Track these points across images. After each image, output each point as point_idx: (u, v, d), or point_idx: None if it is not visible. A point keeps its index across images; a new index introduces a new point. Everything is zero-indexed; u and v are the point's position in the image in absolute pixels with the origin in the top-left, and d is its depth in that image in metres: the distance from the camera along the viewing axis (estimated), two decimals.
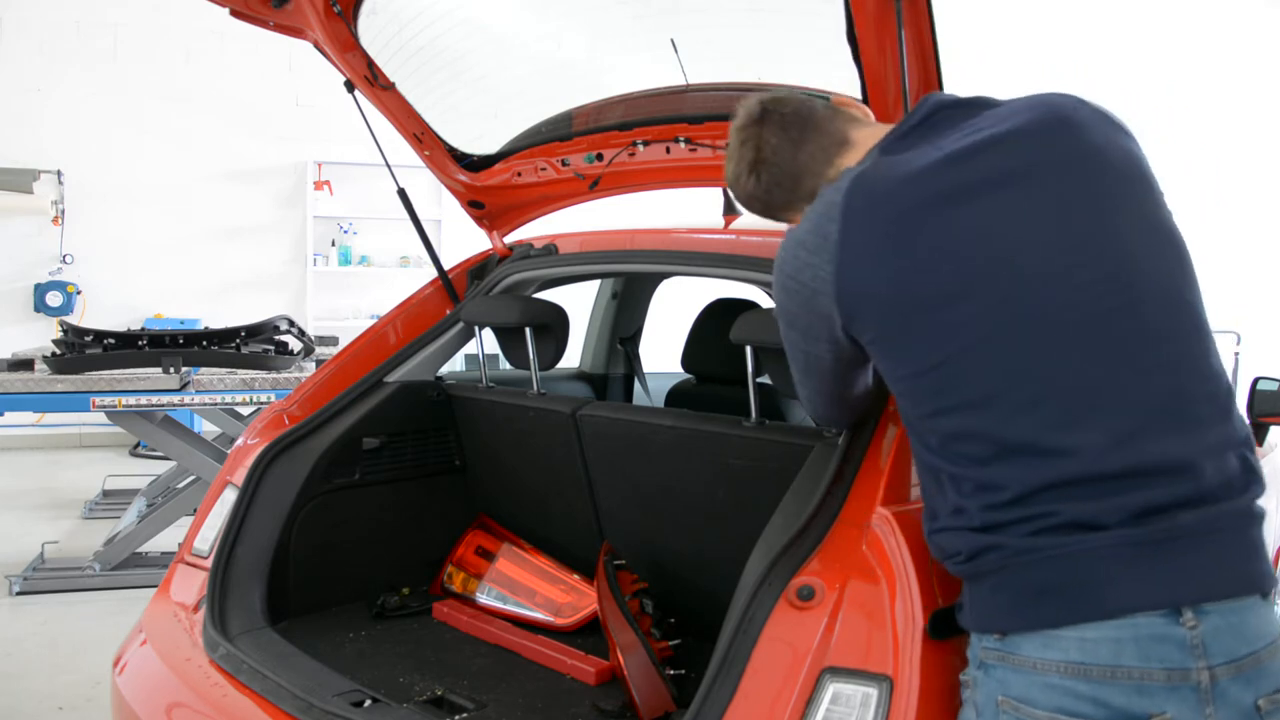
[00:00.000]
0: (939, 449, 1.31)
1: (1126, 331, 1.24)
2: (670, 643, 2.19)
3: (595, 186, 2.61)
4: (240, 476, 2.39)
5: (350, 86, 2.59)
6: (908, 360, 1.32)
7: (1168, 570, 1.19)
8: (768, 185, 1.53)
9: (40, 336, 7.33)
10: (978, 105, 1.39)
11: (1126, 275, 1.25)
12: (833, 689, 1.42)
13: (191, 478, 4.94)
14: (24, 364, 4.70)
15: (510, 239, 2.94)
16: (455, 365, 3.16)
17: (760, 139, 1.53)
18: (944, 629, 1.41)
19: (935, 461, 1.32)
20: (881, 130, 1.47)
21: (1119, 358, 1.23)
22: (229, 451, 2.64)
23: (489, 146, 2.76)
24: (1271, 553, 1.31)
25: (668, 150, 2.40)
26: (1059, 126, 1.31)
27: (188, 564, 2.39)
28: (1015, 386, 1.24)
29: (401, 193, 2.79)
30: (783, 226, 2.21)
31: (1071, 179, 1.28)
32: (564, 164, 2.60)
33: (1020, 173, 1.28)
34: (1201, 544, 1.20)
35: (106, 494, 6.12)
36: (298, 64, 7.95)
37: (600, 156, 2.53)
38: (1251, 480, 1.26)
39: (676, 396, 3.02)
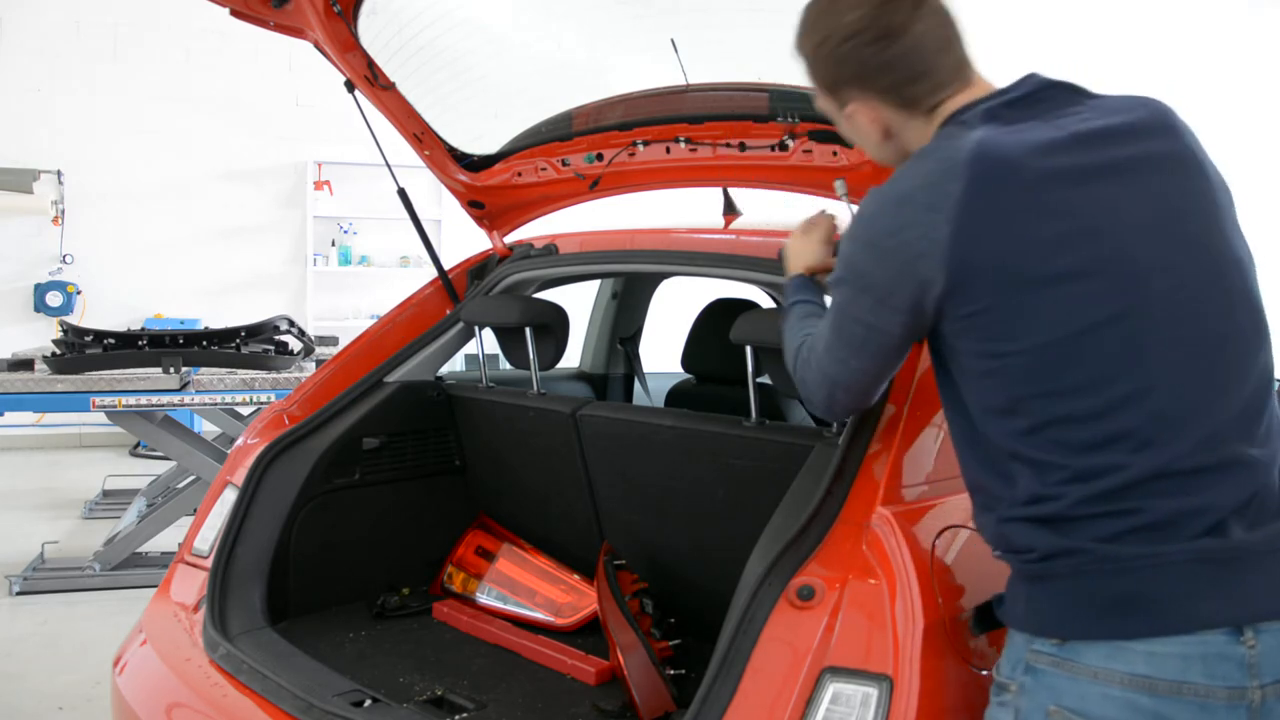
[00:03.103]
0: (1027, 433, 1.25)
1: (1220, 337, 1.24)
2: (670, 643, 2.19)
3: (595, 186, 2.61)
4: (240, 476, 2.39)
5: (350, 86, 2.59)
6: (1015, 337, 1.24)
7: (1234, 588, 1.19)
8: (880, 65, 1.35)
9: (40, 336, 7.32)
10: (1078, 91, 1.35)
11: (1225, 281, 1.26)
12: (833, 689, 1.42)
13: (191, 478, 4.94)
14: (24, 364, 4.70)
15: (510, 239, 2.94)
16: (455, 365, 3.16)
17: (911, 12, 1.34)
18: (988, 623, 1.40)
19: (1015, 447, 1.26)
20: (981, 89, 1.37)
21: (1214, 361, 1.23)
22: (229, 451, 2.64)
23: (489, 146, 2.76)
24: None
25: (668, 150, 2.40)
26: (1168, 129, 1.31)
27: (188, 564, 2.39)
28: (1128, 374, 1.21)
29: (401, 193, 2.79)
30: (783, 226, 2.21)
31: (1180, 180, 1.28)
32: (564, 164, 2.60)
33: (1138, 166, 1.27)
34: (1263, 562, 1.20)
35: (106, 494, 6.12)
36: (298, 64, 7.95)
37: (600, 156, 2.53)
38: None
39: (676, 396, 3.02)
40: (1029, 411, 1.24)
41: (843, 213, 1.81)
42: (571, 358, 3.43)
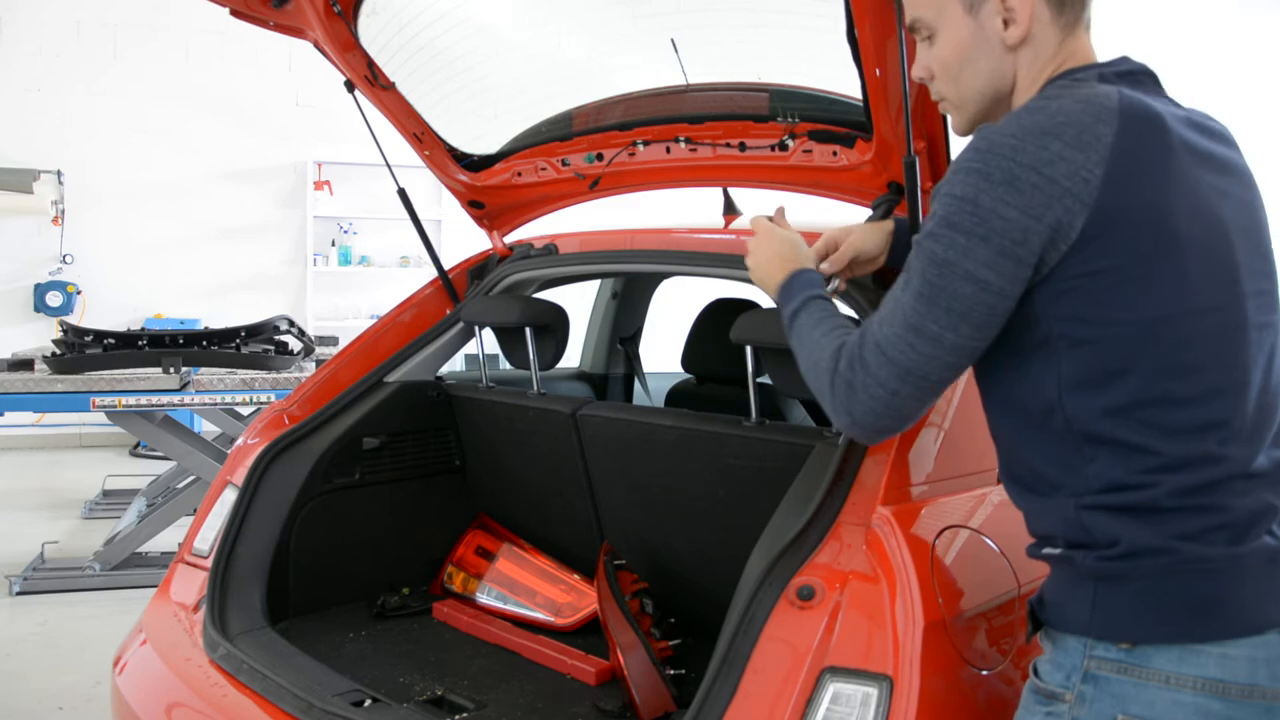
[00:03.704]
0: (1119, 412, 1.17)
1: (1273, 349, 1.25)
2: (670, 643, 2.19)
3: (595, 186, 2.61)
4: (240, 476, 2.39)
5: (350, 86, 2.59)
6: (1133, 304, 1.15)
7: None
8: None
9: (40, 336, 7.33)
10: (1159, 83, 1.30)
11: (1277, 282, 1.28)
12: (833, 689, 1.42)
13: (191, 478, 4.94)
14: (24, 364, 4.70)
15: (510, 239, 2.94)
16: (455, 365, 3.16)
17: None
18: (1035, 624, 1.33)
19: (1100, 427, 1.18)
20: (1083, 56, 1.30)
21: (1274, 363, 1.24)
22: (229, 451, 2.64)
23: (489, 146, 2.76)
24: None
25: (668, 150, 2.40)
26: (1238, 148, 1.31)
27: (188, 564, 2.39)
28: (1229, 364, 1.19)
29: (401, 193, 2.79)
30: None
31: (1254, 199, 1.29)
32: (564, 164, 2.60)
33: (1235, 171, 1.27)
34: None
35: (106, 494, 6.12)
36: (298, 64, 7.95)
37: (600, 156, 2.53)
38: None
39: (676, 396, 3.02)
40: (1128, 387, 1.16)
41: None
42: (571, 358, 3.43)
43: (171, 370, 4.56)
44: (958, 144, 1.79)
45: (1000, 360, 1.26)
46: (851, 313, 1.99)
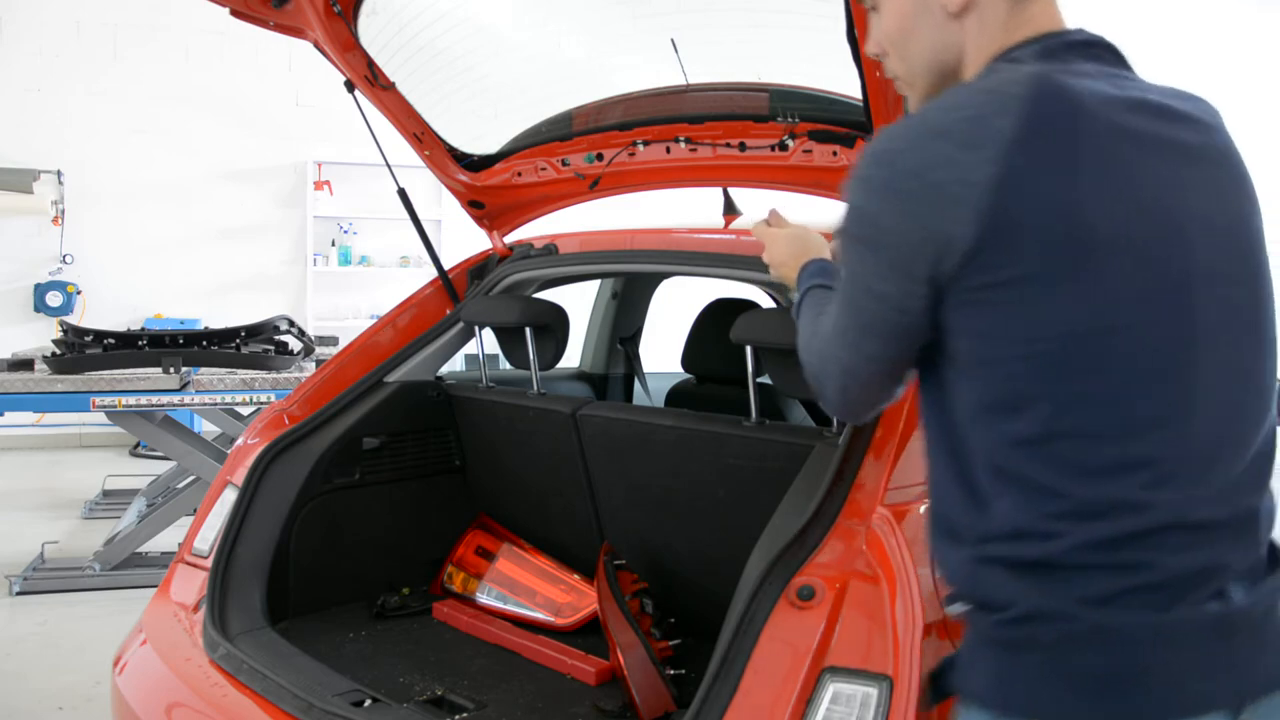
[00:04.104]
0: (1028, 443, 1.02)
1: (1248, 371, 1.08)
2: (670, 643, 2.19)
3: (595, 186, 2.62)
4: (240, 476, 2.39)
5: (350, 86, 2.59)
6: (1043, 319, 1.00)
7: (1234, 661, 1.01)
8: None
9: (40, 336, 7.32)
10: (1124, 61, 1.14)
11: (1265, 309, 1.10)
12: (833, 689, 1.42)
13: (191, 478, 4.94)
14: (24, 364, 4.70)
15: (510, 239, 2.94)
16: (455, 365, 3.16)
17: None
18: (941, 692, 1.27)
19: (1006, 460, 1.03)
20: (1039, 25, 1.13)
21: (1246, 396, 1.07)
22: (229, 451, 2.64)
23: (489, 146, 2.76)
24: None
25: (668, 150, 2.40)
26: (1224, 133, 1.15)
27: (188, 564, 2.39)
28: (1166, 389, 1.01)
29: (401, 193, 2.79)
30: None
31: (1238, 189, 1.12)
32: (564, 164, 2.60)
33: (1207, 156, 1.10)
34: (1259, 629, 1.04)
35: (106, 494, 6.12)
36: (298, 64, 7.95)
37: (600, 156, 2.53)
38: None
39: (676, 396, 3.02)
40: (1038, 415, 1.01)
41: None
42: (571, 358, 3.43)
43: (171, 370, 4.56)
44: None
45: (921, 380, 1.16)
46: None
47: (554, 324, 2.60)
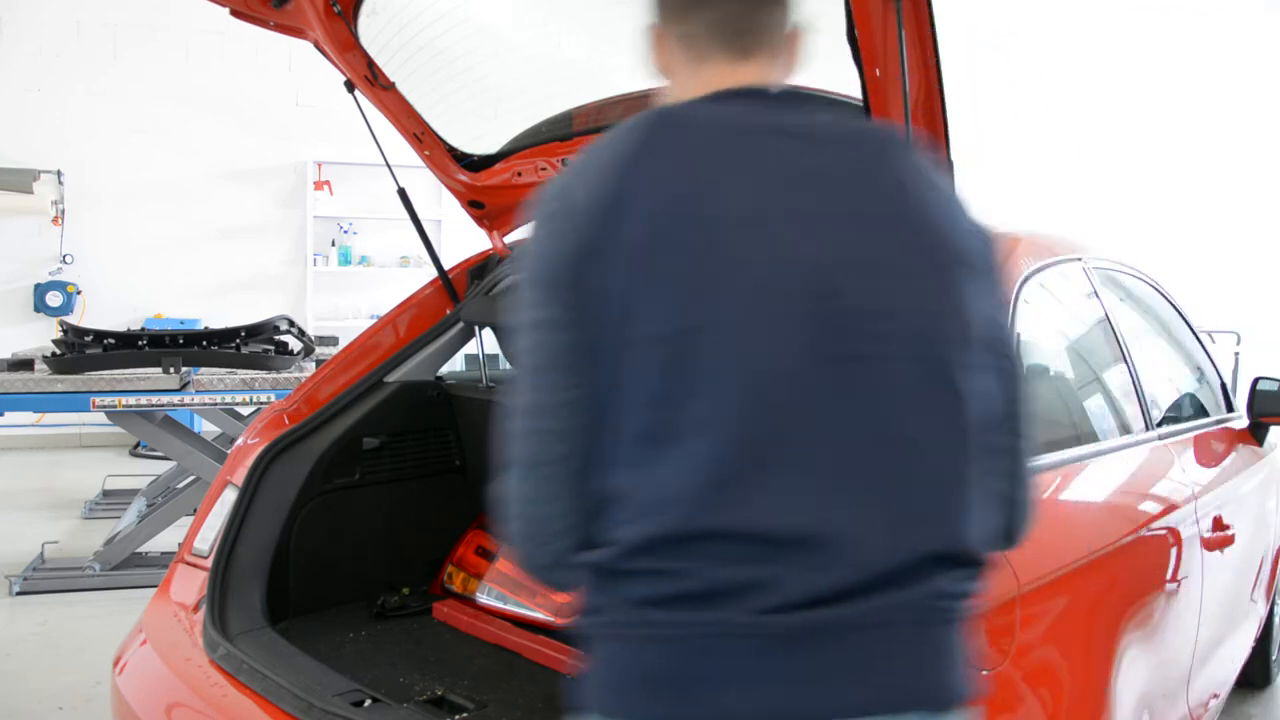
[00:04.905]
0: (622, 444, 1.04)
1: (860, 380, 1.06)
2: None
3: None
4: (240, 476, 2.39)
5: (350, 86, 2.59)
6: (645, 319, 1.03)
7: (799, 673, 0.99)
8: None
9: (40, 336, 7.32)
10: (794, 98, 1.20)
11: (876, 304, 1.10)
12: None
13: (191, 478, 4.94)
14: (24, 364, 4.70)
15: (510, 239, 2.94)
16: (455, 365, 3.16)
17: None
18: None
19: (607, 468, 1.05)
20: (717, 82, 1.19)
21: (826, 401, 1.04)
22: (229, 451, 2.64)
23: (489, 146, 2.76)
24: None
25: None
26: (885, 153, 1.15)
27: (188, 564, 2.39)
28: (711, 393, 1.02)
29: (401, 193, 2.79)
30: None
31: (865, 198, 1.11)
32: (564, 164, 2.60)
33: (821, 173, 1.11)
34: (848, 643, 1.01)
35: (106, 494, 6.12)
36: (298, 64, 7.95)
37: None
38: (939, 568, 1.04)
39: None
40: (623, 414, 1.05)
41: None
42: None
43: (171, 370, 4.56)
44: (958, 145, 1.79)
45: None
46: None
47: None
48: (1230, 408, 3.25)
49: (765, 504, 1.00)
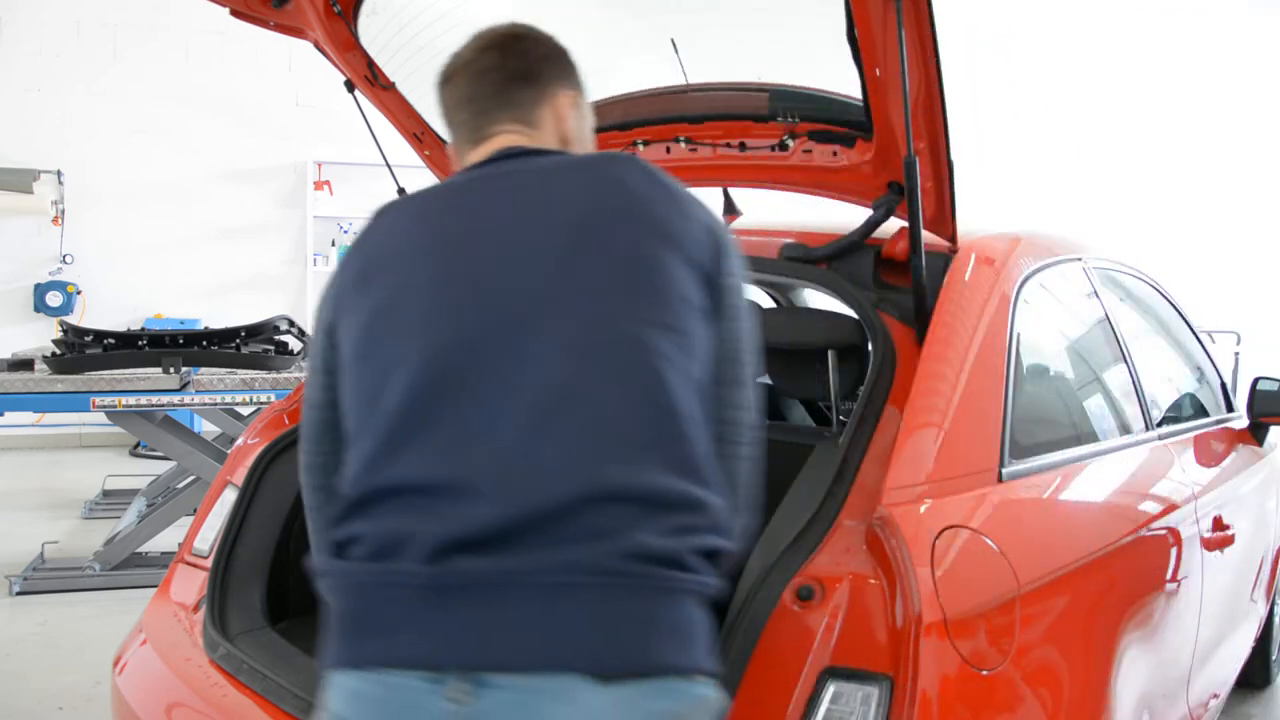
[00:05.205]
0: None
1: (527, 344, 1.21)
2: None
3: None
4: (240, 476, 2.38)
5: (350, 86, 2.59)
6: (359, 308, 1.27)
7: (442, 622, 1.04)
8: None
9: (40, 336, 7.32)
10: (525, 154, 1.39)
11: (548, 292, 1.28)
12: (833, 689, 1.42)
13: (191, 478, 4.94)
14: (24, 364, 4.70)
15: None
16: None
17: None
18: None
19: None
20: (474, 158, 1.42)
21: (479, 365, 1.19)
22: (229, 451, 2.64)
23: None
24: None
25: (668, 150, 2.40)
26: (594, 187, 1.33)
27: (188, 564, 2.39)
28: (384, 370, 1.20)
29: (401, 193, 2.78)
30: (784, 226, 2.21)
31: (563, 217, 1.31)
32: None
33: (536, 200, 1.32)
34: (505, 594, 1.04)
35: (106, 494, 6.12)
36: (298, 64, 7.94)
37: None
38: (625, 526, 1.07)
39: None
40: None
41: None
42: None
43: (171, 370, 4.56)
44: (958, 145, 1.79)
45: None
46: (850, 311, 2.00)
47: None
48: (1230, 408, 3.25)
49: (415, 459, 1.12)
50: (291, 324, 5.15)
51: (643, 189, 1.28)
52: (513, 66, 1.43)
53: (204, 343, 4.83)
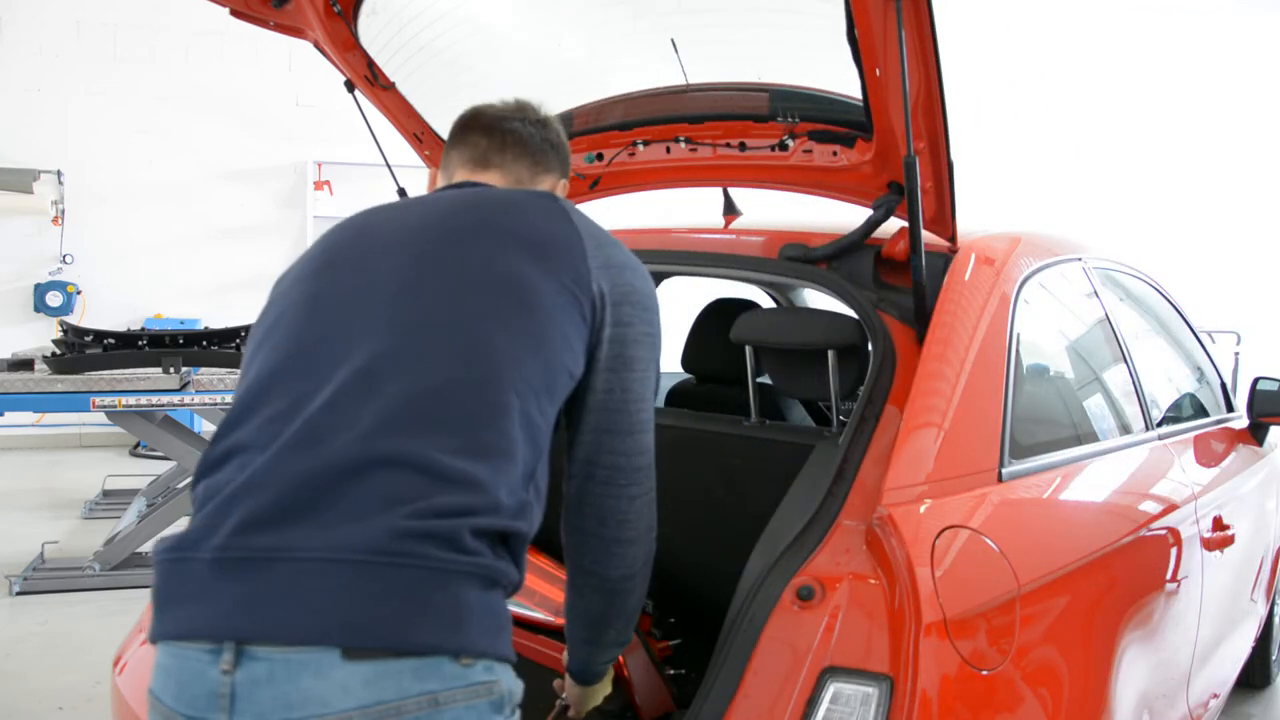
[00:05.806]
0: None
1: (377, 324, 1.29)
2: (670, 643, 2.19)
3: (595, 186, 2.61)
4: None
5: (350, 86, 2.59)
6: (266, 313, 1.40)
7: (219, 595, 1.08)
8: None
9: (40, 336, 7.32)
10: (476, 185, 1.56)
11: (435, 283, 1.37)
12: (833, 689, 1.42)
13: (191, 478, 4.93)
14: (24, 364, 4.70)
15: None
16: None
17: None
18: None
19: None
20: (442, 182, 1.62)
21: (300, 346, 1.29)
22: None
23: None
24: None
25: (668, 150, 2.40)
26: (512, 211, 1.43)
27: None
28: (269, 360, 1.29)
29: (401, 193, 2.78)
30: (784, 227, 2.21)
31: (488, 236, 1.40)
32: None
33: (463, 220, 1.41)
34: (273, 569, 1.06)
35: (106, 494, 6.12)
36: (298, 64, 7.95)
37: (600, 156, 2.53)
38: (396, 502, 1.09)
39: (676, 396, 3.02)
40: None
41: None
42: None
43: (171, 370, 4.56)
44: (958, 145, 1.79)
45: None
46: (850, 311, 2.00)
47: None
48: (1230, 408, 3.25)
49: (241, 434, 1.19)
50: None
51: (542, 218, 1.37)
52: (534, 143, 1.65)
53: (204, 343, 4.83)
